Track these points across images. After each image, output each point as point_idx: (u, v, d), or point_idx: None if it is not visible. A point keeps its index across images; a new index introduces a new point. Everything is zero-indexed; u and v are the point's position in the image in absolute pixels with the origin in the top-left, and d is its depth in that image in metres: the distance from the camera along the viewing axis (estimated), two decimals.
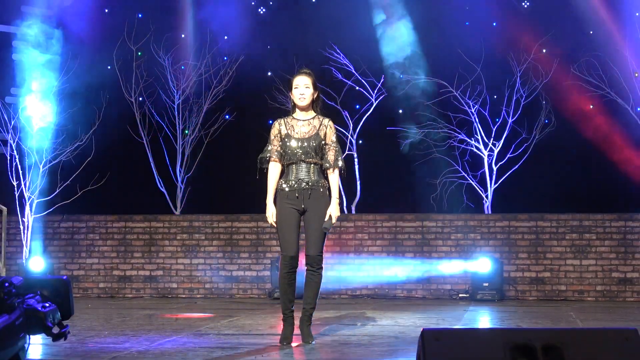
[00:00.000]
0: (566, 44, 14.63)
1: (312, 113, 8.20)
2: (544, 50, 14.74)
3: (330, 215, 8.04)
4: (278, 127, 8.18)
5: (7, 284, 5.12)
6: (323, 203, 8.09)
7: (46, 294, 5.63)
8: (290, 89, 8.20)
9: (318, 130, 8.13)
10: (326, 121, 8.21)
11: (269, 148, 8.18)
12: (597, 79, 14.28)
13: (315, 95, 8.19)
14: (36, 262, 13.41)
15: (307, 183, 8.05)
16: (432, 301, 13.30)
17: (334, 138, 8.20)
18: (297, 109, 8.19)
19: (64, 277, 5.65)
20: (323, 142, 8.14)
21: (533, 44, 14.55)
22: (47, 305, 5.52)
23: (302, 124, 8.13)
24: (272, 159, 8.16)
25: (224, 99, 15.21)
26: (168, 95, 15.05)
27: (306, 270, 8.08)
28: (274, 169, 8.15)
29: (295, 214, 8.03)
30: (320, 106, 8.28)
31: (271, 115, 14.90)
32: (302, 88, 8.11)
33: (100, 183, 14.50)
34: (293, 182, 8.05)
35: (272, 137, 8.19)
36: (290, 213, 8.02)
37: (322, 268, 8.11)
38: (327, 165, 8.14)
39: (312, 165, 8.10)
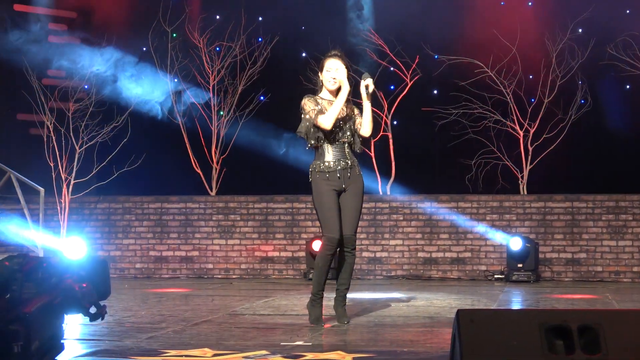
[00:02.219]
0: (602, 23, 14.50)
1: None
2: (580, 30, 14.63)
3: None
4: (314, 101, 8.07)
5: (45, 264, 5.16)
6: (360, 183, 8.08)
7: (84, 275, 5.68)
8: (321, 70, 8.15)
9: (350, 113, 8.09)
10: (356, 110, 8.17)
11: (314, 111, 8.01)
12: (634, 58, 14.18)
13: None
14: (72, 244, 13.45)
15: (347, 163, 8.01)
16: (467, 282, 13.29)
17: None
18: (326, 91, 8.14)
19: (102, 258, 5.70)
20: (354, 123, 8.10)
21: (569, 24, 14.44)
22: (85, 285, 5.57)
23: (332, 103, 8.09)
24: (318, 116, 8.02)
25: (259, 80, 15.22)
26: (203, 77, 15.08)
27: (339, 250, 8.05)
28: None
29: (335, 196, 7.99)
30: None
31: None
32: (334, 72, 8.04)
33: (136, 164, 14.57)
34: (332, 163, 7.99)
35: (309, 108, 8.03)
36: (331, 194, 7.95)
37: (356, 248, 8.11)
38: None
39: (347, 144, 8.07)
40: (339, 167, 7.97)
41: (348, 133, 8.04)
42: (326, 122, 7.89)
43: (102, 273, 5.67)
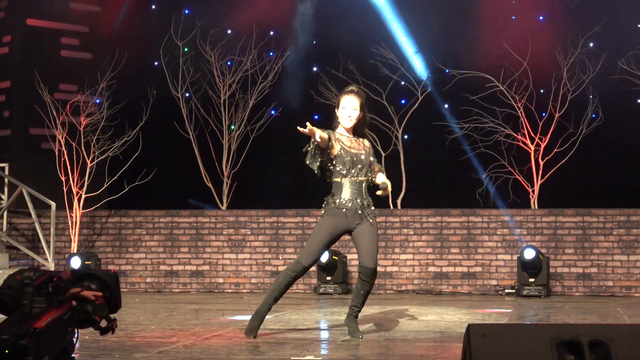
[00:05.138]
0: (613, 37, 14.51)
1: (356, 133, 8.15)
2: (591, 44, 14.64)
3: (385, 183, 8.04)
4: (332, 134, 8.06)
5: (56, 279, 5.18)
6: (374, 219, 8.06)
7: (94, 288, 5.70)
8: (337, 107, 8.12)
9: (367, 152, 8.08)
10: (367, 143, 8.17)
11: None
12: None
13: (360, 116, 8.10)
14: (76, 261, 13.42)
15: (363, 202, 8.00)
16: (477, 297, 13.27)
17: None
18: (342, 127, 8.11)
19: (112, 271, 5.73)
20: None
21: (580, 38, 14.44)
22: (96, 297, 5.59)
23: (351, 140, 8.08)
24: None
25: (270, 95, 15.25)
26: (214, 91, 15.12)
27: (361, 279, 8.03)
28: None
29: (338, 232, 7.99)
30: (365, 128, 8.20)
31: (317, 111, 14.95)
32: (350, 110, 8.01)
33: (147, 178, 14.61)
34: (348, 201, 7.96)
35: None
36: (333, 230, 7.96)
37: (375, 279, 8.12)
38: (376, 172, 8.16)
39: (365, 182, 8.07)
40: (356, 206, 7.95)
41: (365, 170, 8.04)
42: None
43: (113, 286, 5.69)
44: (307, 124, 7.54)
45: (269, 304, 8.05)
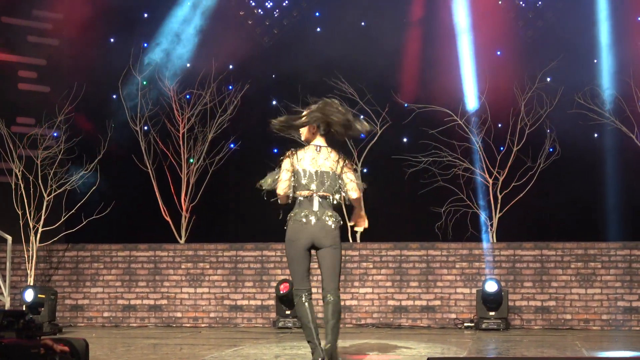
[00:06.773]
0: (570, 72, 14.64)
1: (322, 144, 8.16)
2: (549, 79, 14.76)
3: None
4: (291, 159, 8.07)
5: (27, 317, 5.29)
6: (333, 237, 8.03)
7: (63, 344, 5.75)
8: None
9: (330, 167, 8.09)
10: (334, 154, 8.17)
11: (282, 178, 8.04)
12: (602, 107, 14.30)
13: (325, 128, 8.20)
14: (29, 293, 13.29)
15: (318, 216, 7.99)
16: (437, 330, 13.26)
17: (349, 166, 8.21)
18: (306, 142, 8.21)
19: (83, 340, 5.78)
20: (338, 174, 8.12)
21: (537, 73, 14.56)
22: (63, 347, 5.63)
23: (314, 155, 8.11)
24: (285, 191, 8.01)
25: (229, 128, 15.23)
26: (173, 124, 15.07)
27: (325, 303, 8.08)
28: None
29: (305, 248, 7.96)
30: (330, 138, 8.29)
31: (276, 145, 14.94)
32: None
33: (105, 212, 14.51)
34: (304, 216, 7.95)
35: (284, 167, 8.07)
36: (300, 246, 7.93)
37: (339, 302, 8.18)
38: (354, 191, 8.11)
39: (325, 197, 8.07)
40: (313, 220, 7.93)
41: (327, 185, 8.02)
42: (279, 191, 7.97)
43: (83, 354, 5.74)
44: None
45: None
